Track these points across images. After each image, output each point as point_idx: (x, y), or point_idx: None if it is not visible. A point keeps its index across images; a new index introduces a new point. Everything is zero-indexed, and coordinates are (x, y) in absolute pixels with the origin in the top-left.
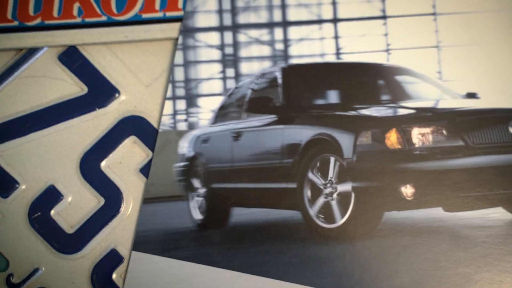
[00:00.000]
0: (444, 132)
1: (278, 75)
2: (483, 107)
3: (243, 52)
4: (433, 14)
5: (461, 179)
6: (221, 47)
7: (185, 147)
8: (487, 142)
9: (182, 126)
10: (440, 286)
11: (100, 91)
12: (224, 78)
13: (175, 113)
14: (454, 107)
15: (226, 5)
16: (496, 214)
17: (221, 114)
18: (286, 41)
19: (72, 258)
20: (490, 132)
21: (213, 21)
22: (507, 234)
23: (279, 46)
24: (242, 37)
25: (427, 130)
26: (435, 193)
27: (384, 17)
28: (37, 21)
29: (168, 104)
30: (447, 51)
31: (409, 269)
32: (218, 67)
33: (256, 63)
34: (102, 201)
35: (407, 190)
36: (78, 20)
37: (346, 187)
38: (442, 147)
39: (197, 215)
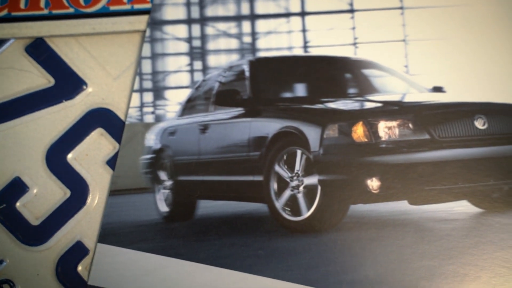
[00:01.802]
0: (410, 125)
1: (246, 68)
2: (449, 101)
3: (210, 45)
4: (401, 8)
5: (426, 173)
6: (189, 39)
7: (152, 139)
8: (452, 136)
9: (149, 118)
10: (404, 279)
11: (67, 83)
12: (191, 71)
13: (142, 105)
14: (420, 100)
15: None
16: (461, 207)
17: (188, 107)
18: (253, 34)
19: (37, 250)
20: (456, 126)
21: (181, 13)
22: (471, 227)
23: (247, 39)
24: (210, 30)
25: (394, 123)
26: (401, 186)
27: (351, 10)
28: (4, 12)
29: (135, 97)
30: (414, 45)
31: (374, 262)
32: (185, 59)
33: (223, 56)
34: (68, 193)
35: (373, 183)
36: (45, 12)
37: (312, 180)
38: (408, 140)
39: (163, 208)
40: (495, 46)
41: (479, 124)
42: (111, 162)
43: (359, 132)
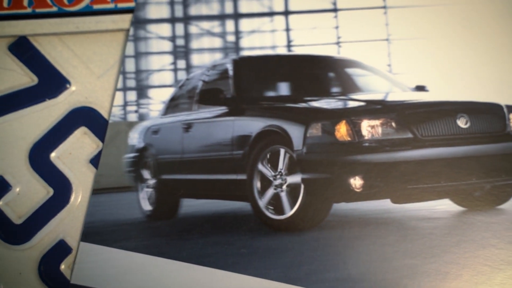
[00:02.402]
0: (393, 124)
1: (229, 67)
2: (431, 100)
3: (194, 44)
4: (384, 7)
5: (409, 171)
6: (173, 38)
7: (135, 138)
8: (435, 135)
9: (132, 117)
10: (387, 277)
11: (50, 81)
12: (175, 70)
13: (125, 104)
14: (403, 99)
15: None
16: (443, 206)
17: (172, 106)
18: (237, 33)
19: (19, 249)
20: (438, 125)
21: (164, 12)
22: (454, 226)
23: (231, 38)
24: (193, 28)
25: (377, 122)
26: (384, 185)
27: (335, 10)
28: None
29: (119, 95)
30: (397, 44)
31: (357, 260)
32: (169, 58)
33: (207, 55)
34: (51, 191)
35: (356, 182)
36: (29, 10)
37: (295, 178)
38: (391, 139)
39: (147, 206)
40: (477, 45)
41: (462, 123)
42: (95, 161)
43: (342, 131)
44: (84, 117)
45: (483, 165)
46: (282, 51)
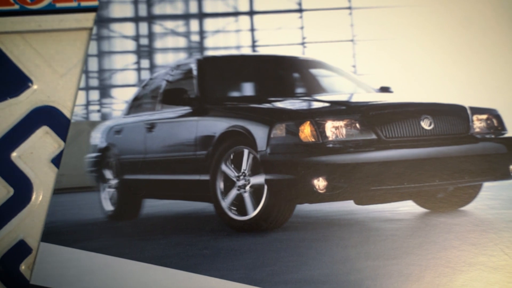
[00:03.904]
0: (357, 125)
1: (194, 67)
2: (396, 101)
3: (158, 43)
4: (349, 8)
5: (372, 173)
6: (136, 37)
7: (97, 137)
8: (399, 136)
9: (95, 116)
10: (349, 279)
11: (12, 80)
12: (138, 69)
13: (88, 103)
14: (367, 101)
15: None
16: (406, 207)
17: (135, 105)
18: (202, 32)
19: None
20: (402, 126)
21: (128, 11)
22: (416, 227)
23: (195, 37)
24: (157, 28)
25: (341, 123)
26: (347, 186)
27: (300, 10)
28: None
29: (81, 95)
30: (362, 45)
31: (320, 262)
32: (132, 57)
33: (171, 55)
34: (11, 191)
35: (320, 183)
36: None
37: (259, 179)
38: (355, 140)
39: (108, 206)
40: (442, 47)
41: (426, 124)
42: (56, 161)
43: (306, 131)
44: (46, 116)
45: (446, 166)
46: (246, 51)
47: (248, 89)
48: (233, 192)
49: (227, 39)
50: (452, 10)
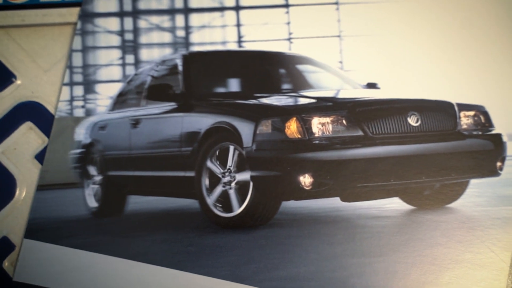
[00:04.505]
0: (344, 122)
1: (179, 62)
2: (383, 98)
3: (143, 39)
4: (336, 3)
5: (359, 169)
6: (121, 33)
7: (81, 133)
8: (386, 133)
9: (79, 112)
10: (335, 276)
11: None
12: (123, 65)
13: (72, 99)
14: (354, 97)
15: None
16: (393, 204)
17: (120, 101)
18: (187, 28)
19: None
20: (389, 123)
21: (113, 6)
22: (403, 225)
23: (180, 33)
24: (142, 23)
25: (327, 119)
26: (333, 183)
27: (286, 5)
28: None
29: (66, 90)
30: (348, 41)
31: (305, 259)
32: (117, 53)
33: (156, 50)
34: None
35: (306, 180)
36: None
37: (244, 176)
38: (342, 137)
39: (92, 203)
40: (429, 42)
41: (412, 121)
42: (40, 157)
43: (292, 128)
44: (30, 112)
45: (433, 163)
46: (232, 46)
47: (234, 85)
48: (219, 189)
49: (213, 35)
50: (439, 5)
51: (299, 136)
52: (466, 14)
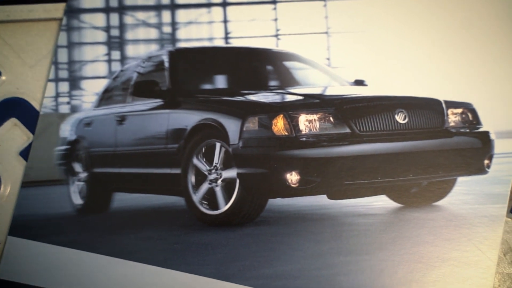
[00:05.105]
0: (331, 119)
1: (165, 58)
2: (370, 95)
3: (129, 35)
4: (323, 0)
5: (346, 167)
6: (107, 29)
7: (67, 130)
8: (373, 130)
9: (64, 108)
10: (321, 274)
11: None
12: (109, 61)
13: (57, 95)
14: (341, 94)
15: None
16: (380, 202)
17: (106, 98)
18: (174, 24)
19: None
20: (377, 120)
21: (98, 2)
22: (389, 222)
23: (167, 29)
24: (128, 19)
25: (314, 117)
26: (320, 180)
27: (274, 1)
28: None
29: (51, 86)
30: (336, 37)
31: (292, 257)
32: (103, 49)
33: (142, 46)
34: None
35: (293, 177)
36: None
37: (231, 173)
38: (329, 134)
39: (78, 200)
40: (417, 39)
41: (400, 118)
42: (24, 153)
43: (279, 125)
44: (15, 108)
45: (420, 161)
46: (219, 43)
47: (220, 81)
48: (205, 186)
49: (199, 31)
50: (427, 2)
51: (286, 133)
52: (454, 10)
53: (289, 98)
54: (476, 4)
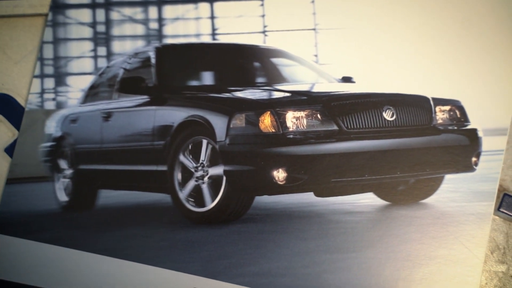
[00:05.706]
0: (319, 116)
1: (152, 55)
2: (358, 92)
3: (115, 31)
4: None
5: (333, 164)
6: (93, 24)
7: (52, 126)
8: (361, 127)
9: (50, 105)
10: (308, 272)
11: None
12: (95, 57)
13: (43, 91)
14: (329, 91)
15: None
16: (367, 199)
17: (91, 94)
18: (160, 20)
19: None
20: (364, 117)
21: None
22: (377, 220)
23: (153, 25)
24: (115, 15)
25: (302, 114)
26: (307, 178)
27: None
28: None
29: (36, 82)
30: (324, 34)
31: (278, 254)
32: (89, 45)
33: (129, 42)
34: None
35: (279, 175)
36: None
37: (217, 170)
38: (316, 131)
39: (63, 197)
40: (405, 36)
41: (388, 115)
42: (9, 150)
43: (266, 122)
44: (0, 104)
45: (407, 158)
46: (206, 39)
47: (207, 78)
48: (191, 183)
49: (186, 27)
50: None
51: (273, 130)
52: (442, 6)
53: (276, 95)
54: (461, 1)
